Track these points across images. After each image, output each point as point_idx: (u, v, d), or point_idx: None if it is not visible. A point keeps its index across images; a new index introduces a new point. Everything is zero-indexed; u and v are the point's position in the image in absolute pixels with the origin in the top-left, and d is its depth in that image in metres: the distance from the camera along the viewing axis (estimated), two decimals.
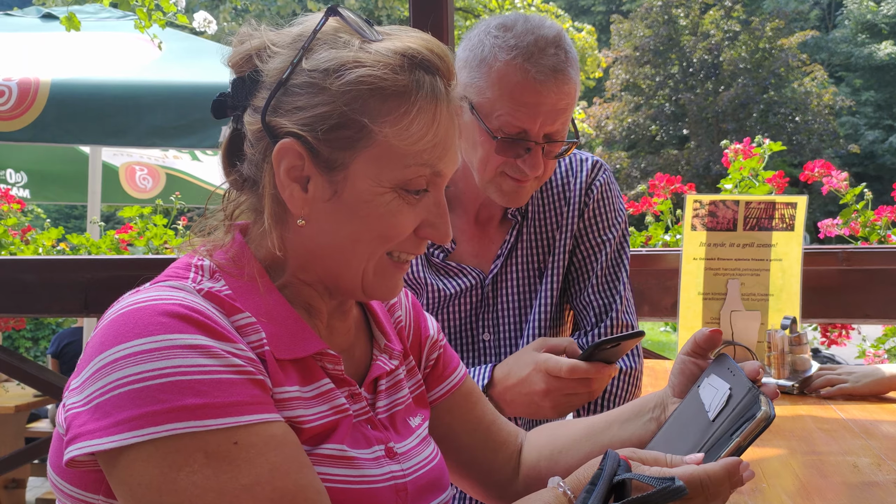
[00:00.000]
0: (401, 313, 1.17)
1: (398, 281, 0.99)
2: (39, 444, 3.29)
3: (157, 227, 3.30)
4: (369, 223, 0.92)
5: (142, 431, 0.75)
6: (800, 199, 2.01)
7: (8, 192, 3.72)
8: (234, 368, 0.81)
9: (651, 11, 25.79)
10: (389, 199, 0.92)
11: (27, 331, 11.07)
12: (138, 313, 0.80)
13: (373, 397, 1.03)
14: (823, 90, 24.75)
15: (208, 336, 0.81)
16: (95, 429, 0.76)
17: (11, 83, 3.40)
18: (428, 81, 0.91)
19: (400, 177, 0.91)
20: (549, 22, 1.61)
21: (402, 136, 0.90)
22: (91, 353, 0.80)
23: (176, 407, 0.76)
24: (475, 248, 1.76)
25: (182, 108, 3.45)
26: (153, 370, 0.77)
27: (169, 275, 0.92)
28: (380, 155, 0.90)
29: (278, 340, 0.90)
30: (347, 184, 0.91)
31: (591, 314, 1.72)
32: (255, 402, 0.81)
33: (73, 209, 17.98)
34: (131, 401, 0.76)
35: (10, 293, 2.81)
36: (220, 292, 0.89)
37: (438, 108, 0.92)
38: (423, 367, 1.18)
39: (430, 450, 1.07)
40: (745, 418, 0.87)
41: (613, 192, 1.79)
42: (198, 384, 0.77)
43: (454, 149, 0.96)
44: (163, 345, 0.78)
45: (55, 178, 6.68)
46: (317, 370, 0.94)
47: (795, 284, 2.00)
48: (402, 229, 0.94)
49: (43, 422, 5.86)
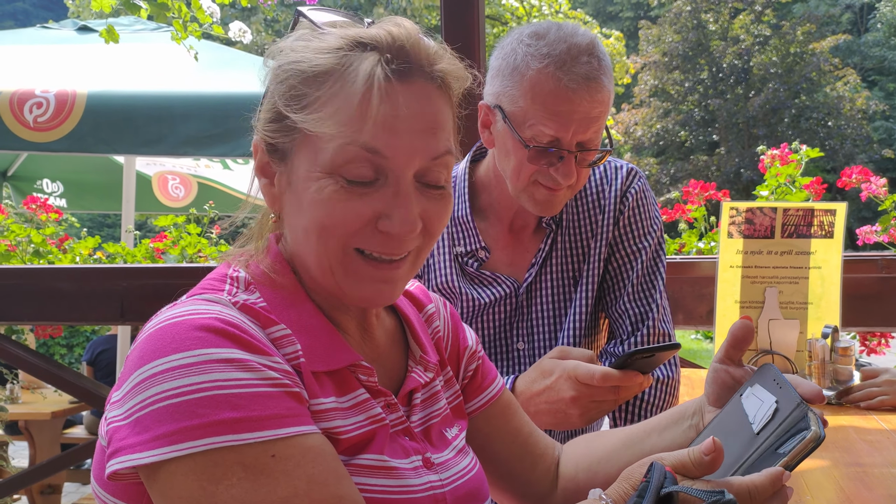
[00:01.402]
0: (439, 323, 1.16)
1: (377, 285, 0.93)
2: (76, 451, 3.32)
3: (191, 235, 3.34)
4: (311, 212, 0.90)
5: (180, 446, 0.76)
6: (839, 206, 1.97)
7: (46, 202, 3.78)
8: (271, 381, 0.81)
9: (680, 17, 25.62)
10: (325, 185, 0.88)
11: (62, 338, 11.24)
12: (176, 328, 0.81)
13: (407, 409, 1.02)
14: (856, 94, 24.40)
15: (244, 349, 0.81)
16: (136, 443, 0.77)
17: (49, 95, 3.46)
18: (366, 61, 0.87)
19: (333, 160, 0.88)
20: (582, 30, 1.60)
21: (323, 118, 0.88)
22: (131, 367, 0.81)
23: (214, 421, 0.76)
24: (509, 257, 1.75)
25: (215, 118, 3.49)
26: (191, 385, 0.77)
27: (205, 287, 0.92)
28: (309, 141, 0.90)
29: (313, 352, 0.90)
30: (293, 172, 0.92)
31: (627, 322, 1.71)
32: (291, 415, 0.81)
33: (105, 217, 18.25)
34: (170, 415, 0.76)
35: (48, 302, 2.86)
36: (255, 304, 0.89)
37: (375, 91, 0.87)
38: (461, 379, 1.17)
39: (468, 460, 1.06)
40: (792, 434, 0.85)
41: (649, 200, 1.77)
42: (235, 398, 0.78)
43: (412, 137, 0.89)
44: (200, 359, 0.79)
45: (90, 188, 6.79)
46: (352, 381, 0.94)
47: (835, 293, 1.96)
48: (341, 219, 0.89)
49: (78, 428, 5.94)
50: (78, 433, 5.82)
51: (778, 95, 24.23)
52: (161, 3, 3.24)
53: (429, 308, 1.16)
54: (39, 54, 4.28)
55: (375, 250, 0.91)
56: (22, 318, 3.09)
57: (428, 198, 0.93)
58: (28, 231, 3.55)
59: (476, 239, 1.72)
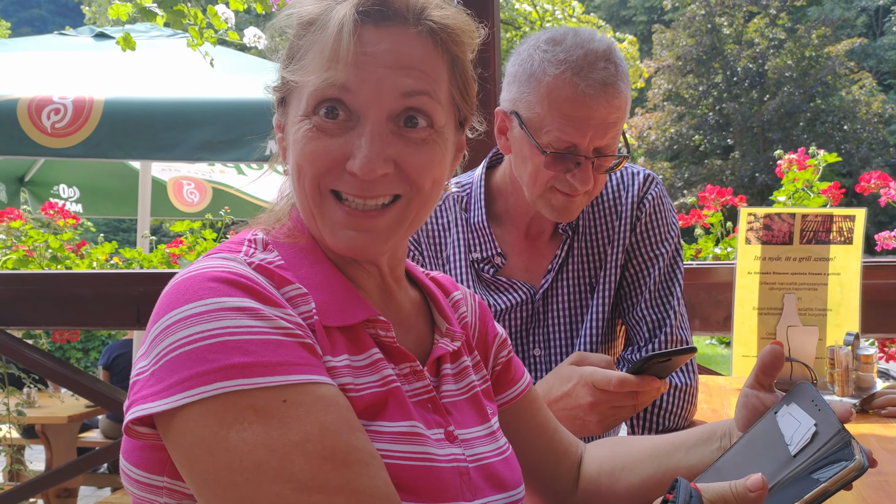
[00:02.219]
0: (465, 309, 1.16)
1: (355, 234, 0.92)
2: (92, 456, 3.35)
3: (207, 241, 3.35)
4: (292, 155, 0.93)
5: (192, 392, 0.75)
6: (858, 212, 1.96)
7: (64, 208, 3.81)
8: (283, 330, 0.81)
9: (694, 20, 25.54)
10: (303, 127, 0.91)
11: (78, 342, 11.31)
12: (189, 281, 0.82)
13: (436, 380, 1.01)
14: (872, 98, 24.23)
15: (256, 300, 0.81)
16: (149, 393, 0.77)
17: (67, 101, 3.49)
18: (341, 7, 0.90)
19: (306, 102, 0.91)
20: (599, 36, 1.60)
21: (304, 65, 0.91)
22: (150, 324, 0.82)
23: (224, 366, 0.76)
24: (525, 263, 1.75)
25: (230, 123, 3.51)
26: (202, 331, 0.77)
27: (222, 248, 0.93)
28: (297, 89, 0.93)
29: (328, 308, 0.90)
30: (288, 121, 0.95)
31: (644, 329, 1.70)
32: (304, 363, 0.80)
33: (121, 222, 18.38)
34: (182, 363, 0.77)
35: (65, 307, 2.88)
36: (271, 264, 0.89)
37: (344, 28, 0.88)
38: (492, 366, 1.17)
39: (498, 444, 1.04)
40: (832, 461, 0.83)
41: (666, 206, 1.76)
42: (246, 343, 0.77)
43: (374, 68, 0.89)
44: (211, 307, 0.79)
45: (106, 193, 6.84)
46: (367, 339, 0.93)
47: (854, 299, 1.95)
48: (312, 158, 0.90)
49: (94, 432, 5.97)
50: (94, 437, 5.86)
51: (793, 99, 24.10)
52: (177, 10, 3.26)
53: (455, 294, 1.16)
54: (57, 61, 4.32)
55: (348, 192, 0.91)
56: (39, 322, 3.11)
57: (406, 142, 0.91)
58: (46, 236, 3.57)
59: (492, 245, 1.71)
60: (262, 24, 14.75)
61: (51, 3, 36.66)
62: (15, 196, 6.46)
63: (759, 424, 0.97)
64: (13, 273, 3.24)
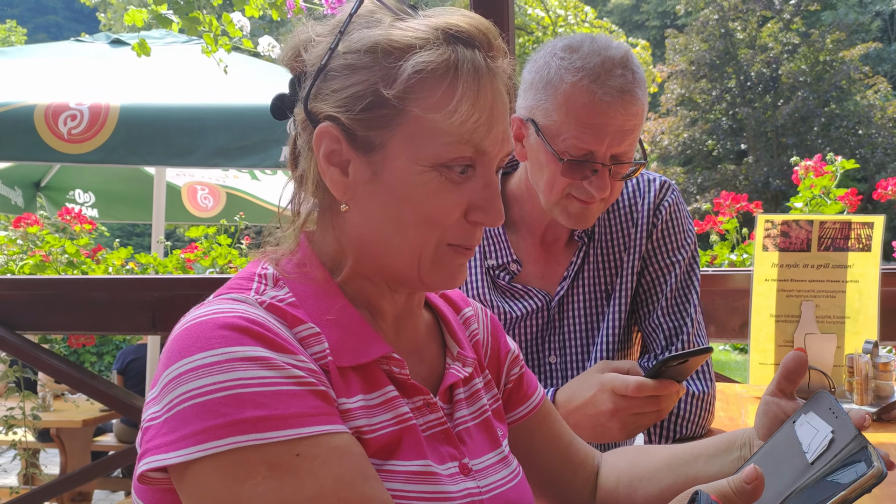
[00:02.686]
0: (477, 327, 1.14)
1: (458, 269, 0.94)
2: (107, 460, 3.36)
3: (222, 246, 3.36)
4: (411, 205, 0.89)
5: (205, 446, 0.75)
6: (877, 219, 1.94)
7: (80, 213, 3.84)
8: (295, 380, 0.80)
9: (707, 25, 25.46)
10: (429, 179, 0.88)
11: (92, 346, 11.37)
12: (200, 327, 0.81)
13: (449, 407, 1.01)
14: (887, 103, 24.05)
15: (268, 348, 0.81)
16: (162, 444, 0.77)
17: (83, 107, 3.51)
18: (468, 56, 0.88)
19: (439, 155, 0.88)
20: (616, 42, 1.60)
21: (439, 111, 0.87)
22: (161, 369, 0.82)
23: (237, 420, 0.76)
24: (541, 270, 1.74)
25: (244, 129, 3.52)
26: (214, 384, 0.77)
27: (232, 286, 0.92)
28: (416, 132, 0.87)
29: (341, 347, 0.89)
30: (386, 164, 0.89)
31: (661, 337, 1.69)
32: (317, 413, 0.80)
33: (135, 227, 18.48)
34: (194, 415, 0.76)
35: (82, 311, 2.89)
36: (282, 301, 0.88)
37: (480, 84, 0.88)
38: (503, 384, 1.16)
39: (510, 469, 1.04)
40: (848, 466, 0.82)
41: (682, 213, 1.76)
42: (258, 396, 0.77)
43: (501, 127, 0.91)
44: (223, 358, 0.78)
45: (121, 198, 6.88)
46: (381, 376, 0.92)
47: (873, 307, 1.93)
48: (445, 211, 0.90)
49: (108, 436, 6.00)
50: (108, 441, 5.88)
51: (807, 104, 23.96)
52: (192, 17, 3.28)
53: (466, 311, 1.15)
54: (73, 67, 4.35)
55: (468, 243, 0.93)
56: (56, 327, 3.13)
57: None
58: (62, 242, 3.60)
59: (508, 252, 1.71)
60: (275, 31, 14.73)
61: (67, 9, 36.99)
62: (31, 201, 6.51)
63: (778, 434, 0.97)
64: (30, 278, 3.27)
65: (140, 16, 3.33)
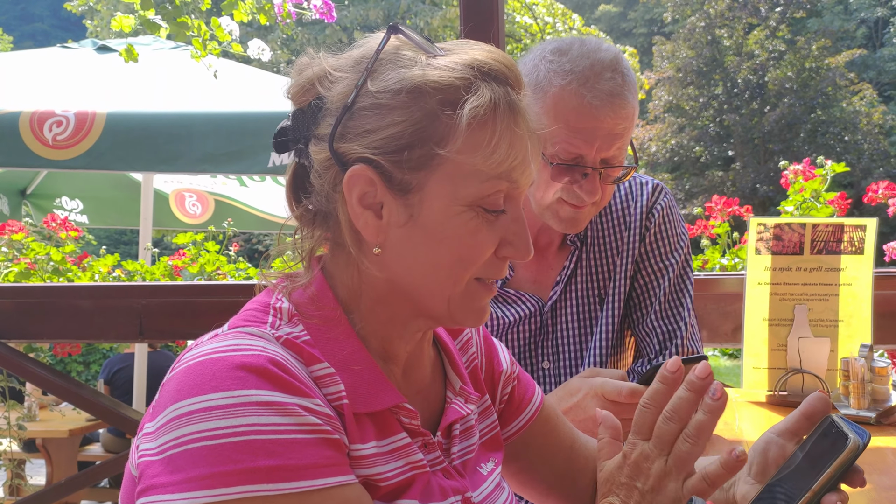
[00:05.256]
0: (474, 350, 1.13)
1: (486, 304, 0.94)
2: (94, 470, 3.32)
3: (210, 253, 3.33)
4: (448, 246, 0.87)
5: (213, 491, 0.73)
6: (869, 222, 1.94)
7: (66, 220, 3.80)
8: (310, 428, 0.78)
9: (694, 32, 25.60)
10: (468, 219, 0.87)
11: (79, 355, 11.29)
12: (216, 364, 0.78)
13: (447, 443, 1.00)
14: (873, 109, 24.23)
15: (285, 392, 0.78)
16: (167, 483, 0.75)
17: (69, 114, 3.48)
18: (501, 94, 0.88)
19: (477, 193, 0.87)
20: (605, 45, 1.59)
21: (479, 151, 0.86)
22: (167, 399, 0.79)
23: (249, 468, 0.74)
24: (533, 275, 1.73)
25: (232, 135, 3.49)
26: (228, 427, 0.75)
27: (248, 318, 0.89)
28: (455, 172, 0.86)
29: (356, 392, 0.87)
30: (424, 206, 0.87)
31: (655, 341, 1.68)
32: (330, 464, 0.78)
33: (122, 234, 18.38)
34: (204, 458, 0.74)
35: (67, 319, 2.85)
36: (297, 338, 0.86)
37: (516, 122, 0.88)
38: (497, 403, 1.15)
39: (505, 495, 1.04)
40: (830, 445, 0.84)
41: (675, 216, 1.75)
42: (272, 444, 0.75)
43: (531, 161, 0.91)
44: (238, 401, 0.76)
45: (108, 205, 6.82)
46: (393, 423, 0.90)
47: (867, 310, 1.92)
48: (482, 250, 0.89)
49: (95, 445, 5.94)
50: (95, 451, 5.83)
51: (794, 110, 24.11)
52: (180, 22, 3.25)
53: (464, 335, 1.13)
54: (59, 74, 4.32)
55: (494, 276, 0.92)
56: (42, 335, 3.08)
57: None
58: (47, 249, 3.56)
59: None
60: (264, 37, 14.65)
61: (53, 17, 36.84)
62: (17, 209, 6.45)
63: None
64: (14, 286, 3.23)
65: (128, 22, 3.30)
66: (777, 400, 1.95)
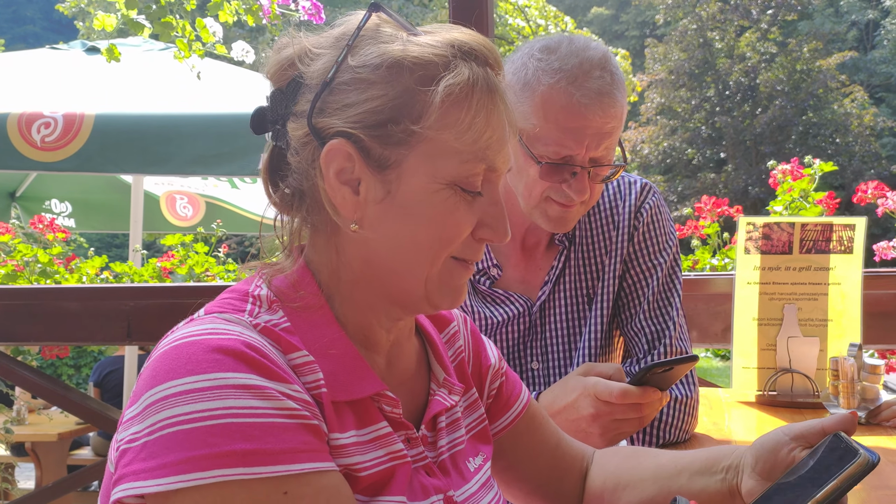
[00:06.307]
0: (461, 343, 1.12)
1: (463, 284, 0.93)
2: (82, 473, 3.29)
3: (199, 254, 3.32)
4: (426, 224, 0.87)
5: (189, 476, 0.71)
6: (858, 221, 1.94)
7: (53, 222, 3.77)
8: (288, 412, 0.77)
9: (686, 35, 25.70)
10: (446, 197, 0.87)
11: (69, 358, 11.23)
12: (191, 348, 0.77)
13: (433, 436, 0.98)
14: (864, 111, 24.35)
15: (262, 376, 0.77)
16: (141, 469, 0.73)
17: (57, 115, 3.46)
18: (480, 73, 0.87)
19: (455, 173, 0.86)
20: (594, 43, 1.58)
21: (454, 128, 0.86)
22: (143, 386, 0.77)
23: (225, 452, 0.72)
24: (522, 275, 1.72)
25: (222, 137, 3.48)
26: (203, 410, 0.73)
27: (224, 305, 0.87)
28: (433, 150, 0.86)
29: (335, 380, 0.85)
30: (401, 183, 0.86)
31: (643, 341, 1.67)
32: (307, 450, 0.77)
33: (114, 237, 18.28)
34: (179, 443, 0.72)
35: (54, 322, 2.84)
36: (276, 326, 0.85)
37: (493, 102, 0.87)
38: (485, 398, 1.13)
39: (492, 494, 1.02)
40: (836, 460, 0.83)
41: (664, 216, 1.74)
42: (248, 427, 0.73)
43: (510, 145, 0.91)
44: (214, 384, 0.74)
45: (98, 208, 6.79)
46: (374, 412, 0.89)
47: (856, 309, 1.92)
48: (460, 229, 0.88)
49: (85, 449, 5.90)
50: (85, 454, 5.79)
51: (785, 112, 24.21)
52: (165, 23, 3.23)
53: (451, 328, 1.12)
54: (48, 75, 4.30)
55: (468, 256, 0.92)
56: (29, 338, 3.06)
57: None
58: (35, 251, 3.53)
59: (488, 256, 1.68)
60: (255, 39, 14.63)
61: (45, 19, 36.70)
62: (6, 211, 6.42)
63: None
64: (1, 288, 3.20)
65: (110, 21, 3.28)
66: (766, 400, 1.94)
